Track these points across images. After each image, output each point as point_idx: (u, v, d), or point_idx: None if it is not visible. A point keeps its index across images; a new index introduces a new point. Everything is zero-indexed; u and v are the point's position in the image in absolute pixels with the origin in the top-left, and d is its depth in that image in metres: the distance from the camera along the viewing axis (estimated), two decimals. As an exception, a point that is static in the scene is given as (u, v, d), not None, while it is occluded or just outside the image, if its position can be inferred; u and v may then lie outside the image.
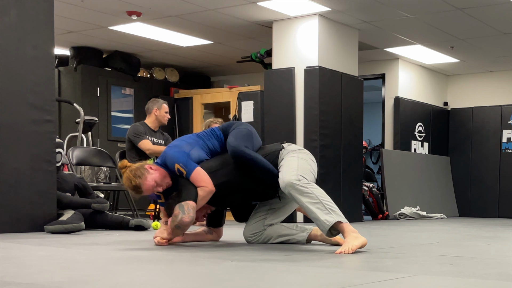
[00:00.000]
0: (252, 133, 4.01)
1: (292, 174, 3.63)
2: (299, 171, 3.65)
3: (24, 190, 5.02)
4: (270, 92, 8.15)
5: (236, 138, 3.86)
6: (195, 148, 3.86)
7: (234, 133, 3.93)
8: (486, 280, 2.41)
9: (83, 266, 2.81)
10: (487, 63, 10.36)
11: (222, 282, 2.31)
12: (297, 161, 3.74)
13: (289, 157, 3.80)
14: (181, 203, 3.65)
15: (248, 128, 4.02)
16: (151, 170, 3.77)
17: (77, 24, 8.24)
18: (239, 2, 7.22)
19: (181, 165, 3.71)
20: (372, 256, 3.31)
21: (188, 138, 4.00)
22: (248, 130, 3.98)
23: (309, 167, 3.76)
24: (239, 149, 3.79)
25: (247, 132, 3.95)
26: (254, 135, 4.00)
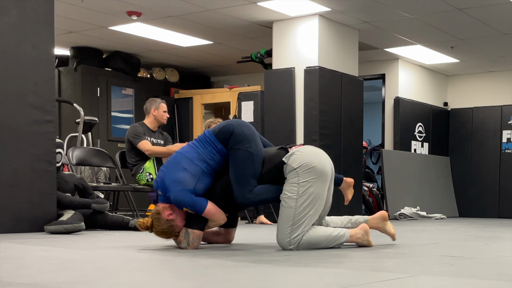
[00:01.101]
0: (253, 154, 3.62)
1: (284, 236, 3.55)
2: (294, 223, 3.53)
3: (24, 190, 5.02)
4: (270, 92, 8.15)
5: (237, 182, 3.60)
6: (200, 177, 3.59)
7: (233, 171, 3.61)
8: (486, 280, 2.41)
9: (83, 266, 2.81)
10: (487, 63, 10.36)
11: (222, 282, 2.31)
12: (295, 200, 3.54)
13: (289, 188, 3.57)
14: (188, 230, 3.61)
15: (245, 152, 3.61)
16: (171, 216, 3.60)
17: (77, 24, 8.24)
18: (239, 2, 7.22)
19: (189, 208, 3.56)
20: (372, 256, 3.31)
21: (189, 164, 3.59)
22: (247, 154, 3.61)
23: (308, 201, 3.54)
24: (246, 202, 3.64)
25: (247, 160, 3.61)
26: (254, 154, 3.63)
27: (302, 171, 3.57)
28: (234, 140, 3.63)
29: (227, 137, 3.65)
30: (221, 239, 3.99)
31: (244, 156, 3.61)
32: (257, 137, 3.74)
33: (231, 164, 3.63)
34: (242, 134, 3.64)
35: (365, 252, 3.48)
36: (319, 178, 3.60)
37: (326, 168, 3.66)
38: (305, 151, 3.68)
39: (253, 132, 3.74)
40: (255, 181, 3.62)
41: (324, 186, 3.65)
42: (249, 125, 3.78)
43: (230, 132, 3.65)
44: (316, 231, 3.59)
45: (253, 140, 3.66)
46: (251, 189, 3.60)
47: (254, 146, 3.65)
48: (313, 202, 3.57)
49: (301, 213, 3.54)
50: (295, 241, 3.53)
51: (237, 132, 3.64)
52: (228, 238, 3.99)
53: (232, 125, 3.68)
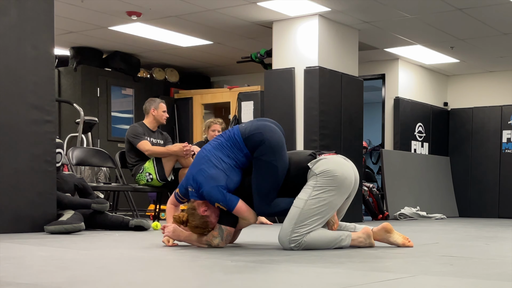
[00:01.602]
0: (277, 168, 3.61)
1: (286, 233, 3.55)
2: (297, 222, 3.53)
3: (24, 191, 5.01)
4: (270, 92, 8.15)
5: (258, 192, 3.62)
6: (230, 174, 3.64)
7: (255, 180, 3.63)
8: (486, 281, 2.41)
9: (83, 266, 2.81)
10: (487, 63, 10.36)
11: (222, 282, 2.31)
12: (305, 202, 3.55)
13: (304, 190, 3.60)
14: (222, 226, 3.66)
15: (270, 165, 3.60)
16: (206, 212, 3.66)
17: (77, 24, 8.24)
18: (239, 2, 7.22)
19: (221, 203, 3.60)
20: (372, 256, 3.31)
21: (219, 161, 3.65)
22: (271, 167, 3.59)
23: (317, 205, 3.54)
24: (264, 212, 3.72)
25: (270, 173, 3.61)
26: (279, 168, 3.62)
27: (321, 177, 3.58)
28: (261, 151, 3.62)
29: (255, 145, 3.64)
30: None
31: (268, 169, 3.62)
32: (284, 146, 3.71)
33: (254, 173, 3.65)
34: (270, 145, 3.62)
35: (365, 252, 3.48)
36: (337, 188, 3.60)
37: (347, 181, 3.64)
38: (332, 159, 3.68)
39: (281, 141, 3.70)
40: (275, 194, 3.66)
41: (340, 197, 3.63)
42: (277, 132, 3.71)
43: (259, 142, 3.62)
44: (317, 233, 3.58)
45: (280, 152, 3.64)
46: (270, 202, 3.65)
47: (279, 158, 3.63)
48: (322, 208, 3.56)
49: (307, 214, 3.54)
50: (296, 240, 3.53)
51: (266, 143, 3.62)
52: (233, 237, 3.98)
53: (262, 134, 3.64)
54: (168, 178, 6.45)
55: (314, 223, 3.56)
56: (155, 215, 7.12)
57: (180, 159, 6.42)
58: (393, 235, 3.85)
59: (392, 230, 3.85)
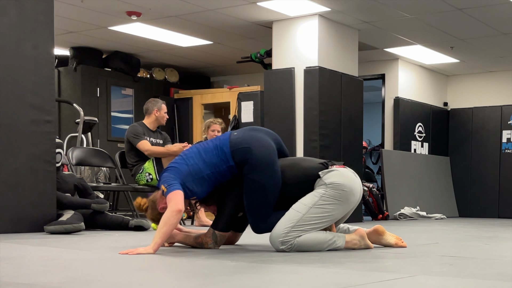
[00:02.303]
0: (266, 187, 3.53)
1: (279, 234, 3.49)
2: (294, 227, 3.48)
3: (24, 191, 5.01)
4: (270, 92, 8.15)
5: (251, 211, 3.59)
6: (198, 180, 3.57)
7: (246, 200, 3.57)
8: (486, 281, 2.41)
9: (83, 266, 2.81)
10: (487, 63, 10.36)
11: (222, 282, 2.31)
12: (308, 209, 3.51)
13: (310, 196, 3.55)
14: (216, 232, 3.64)
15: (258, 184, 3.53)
16: (163, 210, 3.59)
17: (77, 24, 8.24)
18: (239, 2, 7.22)
19: (163, 183, 3.55)
20: (372, 256, 3.31)
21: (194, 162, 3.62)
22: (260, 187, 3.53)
23: (319, 215, 3.51)
24: (259, 231, 3.65)
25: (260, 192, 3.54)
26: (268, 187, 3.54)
27: (331, 188, 3.55)
28: (248, 169, 3.55)
29: (242, 161, 3.56)
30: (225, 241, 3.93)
31: (256, 188, 3.55)
32: (275, 162, 3.59)
33: (244, 192, 3.60)
34: (257, 163, 3.54)
35: (365, 252, 3.48)
36: (343, 202, 3.57)
37: (354, 198, 3.62)
38: (344, 173, 3.63)
39: (271, 157, 3.59)
40: (268, 209, 3.60)
41: (343, 211, 3.61)
42: (268, 147, 3.62)
43: (246, 158, 3.54)
44: (309, 235, 3.52)
45: (268, 169, 3.54)
46: (264, 219, 3.60)
47: (268, 177, 3.54)
48: (324, 219, 3.53)
49: (306, 221, 3.50)
50: (287, 241, 3.47)
51: (253, 160, 3.53)
52: (232, 239, 3.97)
53: (250, 149, 3.56)
54: (168, 178, 6.43)
55: (311, 230, 3.52)
56: (155, 215, 7.11)
57: (180, 159, 6.41)
58: (385, 236, 3.82)
59: (384, 232, 3.82)
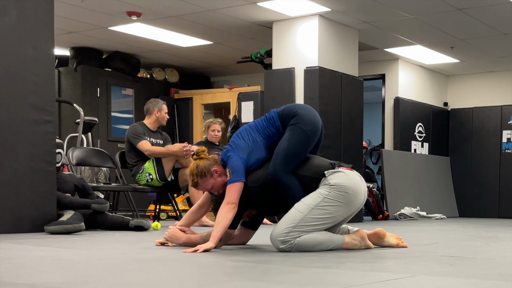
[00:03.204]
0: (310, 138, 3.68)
1: (280, 233, 3.48)
2: (296, 227, 3.46)
3: (24, 191, 5.01)
4: (270, 92, 8.15)
5: (279, 159, 3.62)
6: (254, 149, 3.69)
7: (285, 144, 3.64)
8: (486, 281, 2.41)
9: (83, 266, 2.81)
10: (487, 63, 10.36)
11: (222, 282, 2.31)
12: (310, 209, 3.50)
13: (313, 196, 3.54)
14: (228, 231, 3.65)
15: (304, 133, 3.65)
16: (215, 174, 3.68)
17: (77, 24, 8.24)
18: (239, 2, 7.22)
19: (229, 171, 3.61)
20: (372, 256, 3.31)
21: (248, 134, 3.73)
22: (305, 136, 3.65)
23: (321, 216, 3.50)
24: (276, 176, 3.62)
25: (303, 140, 3.65)
26: (307, 143, 3.68)
27: (335, 189, 3.53)
28: (297, 119, 3.67)
29: (289, 116, 3.70)
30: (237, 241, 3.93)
31: (302, 137, 3.65)
32: (318, 125, 3.75)
33: (285, 138, 3.64)
34: (306, 116, 3.69)
35: (365, 253, 3.48)
36: (346, 205, 3.55)
37: (358, 201, 3.61)
38: (350, 175, 3.62)
39: (317, 120, 3.75)
40: (294, 164, 3.64)
41: (345, 213, 3.60)
42: (315, 113, 3.80)
43: (293, 113, 3.70)
44: (310, 235, 3.50)
45: (314, 126, 3.71)
46: (289, 171, 3.62)
47: (312, 132, 3.69)
48: (325, 220, 3.52)
49: (308, 222, 3.49)
50: (288, 240, 3.46)
51: (302, 114, 3.69)
52: (244, 239, 3.96)
53: (297, 108, 3.75)
54: (168, 178, 6.45)
55: (312, 231, 3.50)
56: (155, 215, 7.12)
57: (180, 159, 6.42)
58: (386, 239, 3.81)
59: (385, 234, 3.81)
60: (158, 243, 3.88)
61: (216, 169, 3.68)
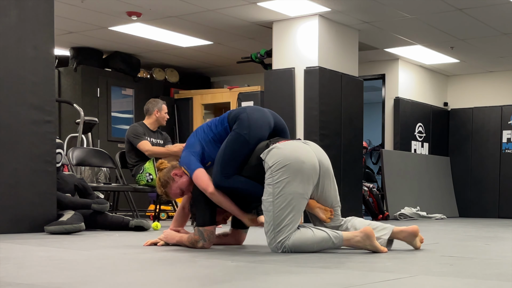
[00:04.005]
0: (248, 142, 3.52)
1: (270, 241, 3.38)
2: (275, 226, 3.33)
3: (24, 191, 5.01)
4: (270, 92, 8.15)
5: (221, 162, 3.52)
6: (206, 145, 3.70)
7: (222, 150, 3.56)
8: (486, 281, 2.41)
9: (83, 266, 2.81)
10: (487, 63, 10.36)
11: (222, 282, 2.31)
12: (272, 204, 3.33)
13: (266, 191, 3.38)
14: (200, 228, 3.60)
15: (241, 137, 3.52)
16: (176, 177, 3.72)
17: (77, 24, 8.24)
18: (239, 2, 7.22)
19: (184, 167, 3.65)
20: (372, 256, 3.31)
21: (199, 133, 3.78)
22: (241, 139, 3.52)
23: (286, 203, 3.32)
24: (220, 184, 3.51)
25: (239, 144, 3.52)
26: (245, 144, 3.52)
27: (275, 170, 3.35)
28: (237, 124, 3.58)
29: (234, 118, 3.64)
30: (231, 240, 3.93)
31: (236, 139, 3.53)
32: (263, 125, 3.60)
33: (223, 144, 3.59)
34: (247, 118, 3.56)
35: (365, 253, 3.48)
36: (296, 176, 3.33)
37: (306, 165, 3.37)
38: (285, 146, 3.42)
39: (262, 119, 3.62)
40: (236, 169, 3.52)
41: (303, 184, 3.37)
42: (262, 113, 3.69)
43: (238, 114, 3.63)
44: (301, 234, 3.36)
45: (254, 126, 3.55)
46: (229, 174, 3.51)
47: (252, 133, 3.53)
48: (292, 203, 3.33)
49: (280, 216, 3.33)
50: (281, 245, 3.36)
51: (244, 116, 3.59)
52: (238, 239, 3.94)
53: (244, 109, 3.67)
54: (168, 178, 6.44)
55: (292, 221, 3.34)
56: (155, 215, 7.12)
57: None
58: (417, 240, 3.65)
59: (417, 234, 3.63)
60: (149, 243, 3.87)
61: (175, 172, 3.76)
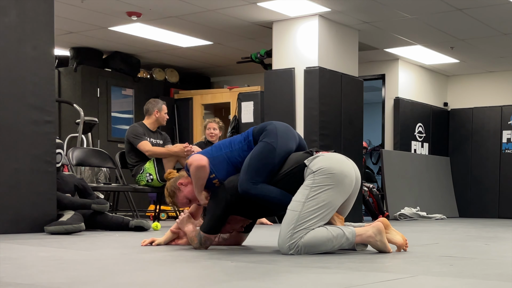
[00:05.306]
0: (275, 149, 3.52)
1: (284, 240, 3.35)
2: (296, 227, 3.33)
3: (24, 191, 5.01)
4: (270, 92, 8.15)
5: (247, 169, 3.51)
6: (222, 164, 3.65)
7: (248, 159, 3.55)
8: (486, 281, 2.41)
9: (83, 266, 2.81)
10: (487, 63, 10.36)
11: (222, 282, 2.31)
12: (302, 204, 3.35)
13: (300, 191, 3.40)
14: (200, 232, 3.61)
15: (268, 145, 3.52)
16: (182, 186, 3.72)
17: (77, 24, 8.24)
18: (239, 2, 7.22)
19: None
20: (372, 256, 3.31)
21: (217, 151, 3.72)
22: (268, 147, 3.52)
23: (316, 206, 3.35)
24: (247, 190, 3.49)
25: (266, 152, 3.52)
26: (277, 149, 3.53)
27: (318, 175, 3.38)
28: (264, 134, 3.59)
29: (260, 131, 3.63)
30: (231, 241, 3.94)
31: (264, 148, 3.53)
32: (290, 135, 3.64)
33: (250, 153, 3.57)
34: (273, 129, 3.59)
35: (365, 253, 3.48)
36: (336, 186, 3.39)
37: (347, 179, 3.44)
38: (331, 157, 3.49)
39: (287, 131, 3.65)
40: (265, 177, 3.50)
41: (339, 196, 3.42)
42: (287, 127, 3.70)
43: (265, 127, 3.64)
44: (314, 232, 3.36)
45: (282, 136, 3.57)
46: (257, 182, 3.49)
47: (280, 142, 3.55)
48: (322, 209, 3.35)
49: (305, 217, 3.34)
50: (294, 245, 3.34)
51: (270, 127, 3.61)
52: (238, 240, 3.95)
53: (270, 122, 3.68)
54: (168, 179, 6.44)
55: (313, 226, 3.36)
56: (155, 215, 7.12)
57: (180, 159, 6.42)
58: (390, 232, 3.61)
59: (389, 226, 3.61)
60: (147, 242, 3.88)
61: (181, 182, 3.75)
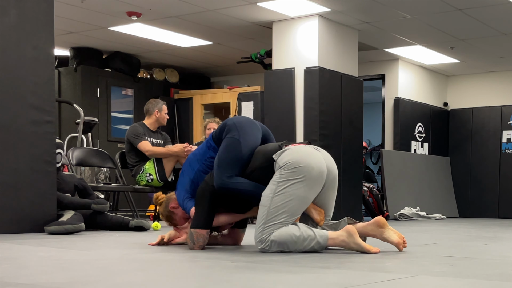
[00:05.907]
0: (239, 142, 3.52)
1: (256, 235, 3.39)
2: (266, 222, 3.35)
3: (24, 191, 5.01)
4: (270, 92, 8.15)
5: (218, 165, 3.49)
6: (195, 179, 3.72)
7: (217, 156, 3.55)
8: (486, 281, 2.41)
9: (83, 266, 2.81)
10: (487, 63, 10.36)
11: (222, 282, 2.31)
12: (270, 199, 3.34)
13: (269, 186, 3.39)
14: (191, 230, 3.57)
15: (232, 139, 3.54)
16: (174, 209, 3.84)
17: (77, 24, 8.24)
18: (239, 2, 7.22)
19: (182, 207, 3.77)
20: (372, 256, 3.31)
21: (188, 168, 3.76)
22: (232, 141, 3.53)
23: (284, 202, 3.32)
24: (222, 185, 3.46)
25: (232, 146, 3.51)
26: (241, 142, 3.52)
27: (285, 170, 3.35)
28: (226, 131, 3.60)
29: (221, 131, 3.64)
30: (229, 241, 3.93)
31: (230, 143, 3.53)
32: (252, 127, 3.63)
33: (218, 151, 3.58)
34: (234, 124, 3.59)
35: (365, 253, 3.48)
36: (303, 180, 3.34)
37: (315, 171, 3.37)
38: (298, 149, 3.43)
39: (248, 122, 3.65)
40: (237, 169, 3.49)
41: (309, 189, 3.38)
42: (247, 119, 3.71)
43: (224, 125, 3.64)
44: (285, 230, 3.34)
45: (244, 129, 3.57)
46: (231, 175, 3.47)
47: (243, 134, 3.54)
48: (290, 204, 3.33)
49: (274, 213, 3.33)
50: (264, 239, 3.37)
51: (230, 123, 3.61)
52: (236, 239, 3.92)
53: (228, 120, 3.67)
54: (169, 179, 6.45)
55: (284, 221, 3.34)
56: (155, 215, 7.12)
57: (180, 159, 6.42)
58: (386, 231, 3.55)
59: (386, 224, 3.56)
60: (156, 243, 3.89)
61: (172, 205, 3.85)
